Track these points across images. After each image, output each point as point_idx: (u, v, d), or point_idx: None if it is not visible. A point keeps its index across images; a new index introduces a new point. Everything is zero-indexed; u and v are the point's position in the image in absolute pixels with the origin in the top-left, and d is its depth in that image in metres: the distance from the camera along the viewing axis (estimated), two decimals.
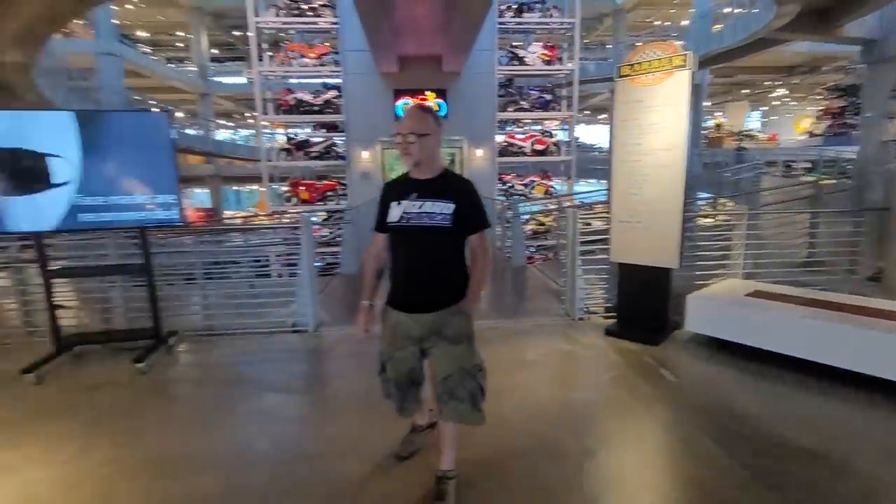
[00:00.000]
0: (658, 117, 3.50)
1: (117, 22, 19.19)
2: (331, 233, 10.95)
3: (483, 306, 1.96)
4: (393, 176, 2.11)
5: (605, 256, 4.19)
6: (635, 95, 3.61)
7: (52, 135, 3.21)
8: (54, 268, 3.62)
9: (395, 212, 1.84)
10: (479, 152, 11.98)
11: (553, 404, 2.89)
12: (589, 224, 6.23)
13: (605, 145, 26.09)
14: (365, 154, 11.75)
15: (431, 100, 11.19)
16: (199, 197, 27.50)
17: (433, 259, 1.86)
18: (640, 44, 4.13)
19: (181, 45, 27.25)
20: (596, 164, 19.12)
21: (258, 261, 7.25)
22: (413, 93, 11.14)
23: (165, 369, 3.54)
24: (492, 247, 2.04)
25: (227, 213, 24.79)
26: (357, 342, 3.58)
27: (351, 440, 2.50)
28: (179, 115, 27.89)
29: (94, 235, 4.25)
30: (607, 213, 4.13)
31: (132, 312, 4.35)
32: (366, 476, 2.17)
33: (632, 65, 3.60)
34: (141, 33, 25.43)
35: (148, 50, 25.47)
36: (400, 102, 11.24)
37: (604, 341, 3.83)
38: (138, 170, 3.38)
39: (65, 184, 3.26)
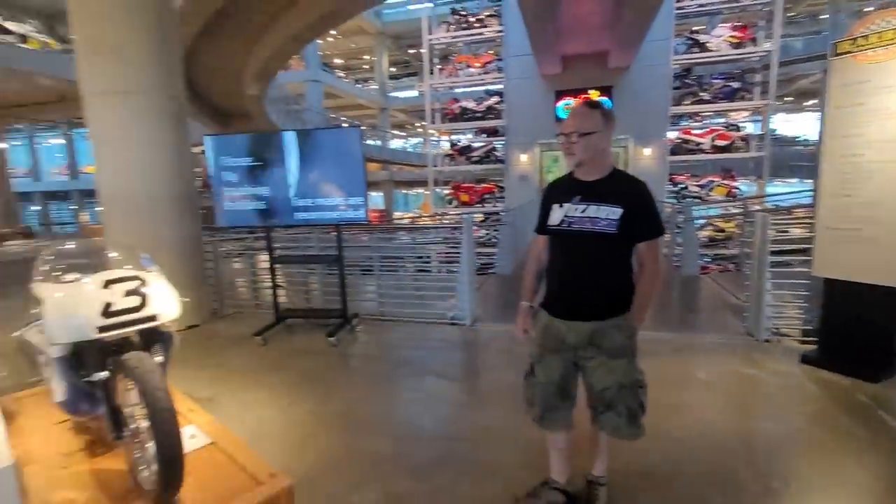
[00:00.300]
0: (893, 101, 2.82)
1: (320, 53, 22.96)
2: (487, 234, 11.36)
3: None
4: (550, 178, 2.02)
5: (806, 270, 3.52)
6: (860, 75, 2.96)
7: (282, 150, 4.08)
8: (277, 255, 4.57)
9: (556, 215, 1.76)
10: (647, 151, 11.08)
11: (727, 431, 2.58)
12: (785, 231, 5.29)
13: (813, 137, 21.52)
14: (523, 157, 11.90)
15: (595, 98, 10.76)
16: (375, 199, 31.18)
17: (595, 267, 1.73)
18: (870, 9, 3.36)
19: (367, 67, 31.26)
20: (800, 160, 15.94)
21: (421, 257, 7.96)
22: (576, 92, 10.88)
23: (349, 345, 4.18)
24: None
25: (397, 214, 27.61)
26: (510, 340, 3.71)
27: (503, 430, 2.62)
28: (363, 128, 32.03)
29: (303, 230, 5.24)
30: (811, 218, 3.46)
31: (325, 295, 5.25)
32: (517, 465, 2.26)
33: (855, 38, 2.96)
34: (337, 60, 29.92)
35: (342, 74, 29.87)
36: (561, 103, 11.09)
37: (798, 369, 3.24)
38: (336, 177, 4.04)
39: (288, 189, 4.10)
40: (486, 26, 11.76)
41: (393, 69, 30.80)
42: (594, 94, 10.78)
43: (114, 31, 4.09)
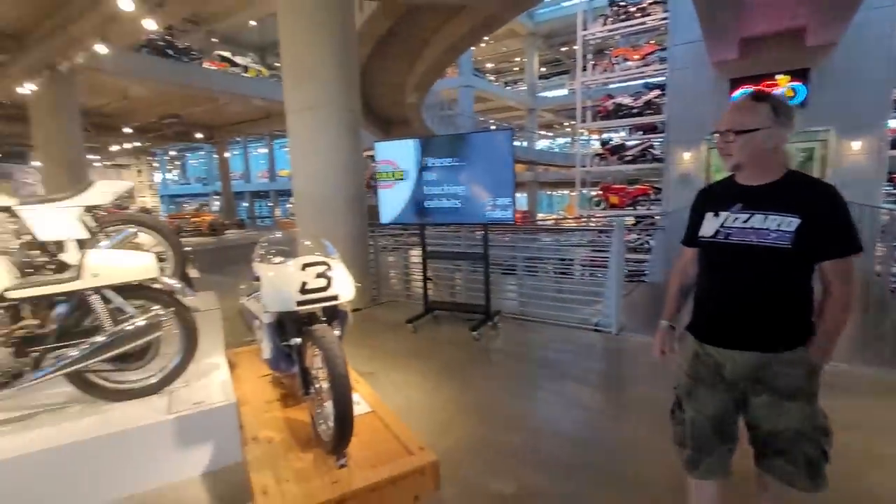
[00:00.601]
0: None
1: (472, 59, 23.89)
2: (638, 238, 10.55)
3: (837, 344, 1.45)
4: (719, 178, 1.69)
5: None
6: None
7: (440, 153, 4.42)
8: (429, 251, 4.95)
9: (711, 224, 1.52)
10: (857, 145, 9.02)
11: None
12: None
13: None
14: (686, 155, 10.72)
15: (784, 85, 9.17)
16: (519, 200, 31.29)
17: (759, 287, 1.45)
18: None
19: (516, 69, 31.52)
20: None
21: (564, 260, 7.78)
22: (757, 80, 9.40)
23: (491, 340, 4.33)
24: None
25: (540, 216, 27.29)
26: None
27: (648, 445, 2.46)
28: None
29: (452, 228, 5.59)
30: None
31: (469, 291, 5.50)
32: (662, 485, 2.12)
33: None
34: (488, 65, 30.79)
35: (492, 78, 30.64)
36: (738, 93, 9.71)
37: None
38: (486, 178, 4.21)
39: (414, 189, 4.43)
40: (648, 14, 10.89)
41: (543, 69, 30.49)
42: (783, 80, 9.17)
43: (310, 56, 4.90)
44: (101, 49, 8.13)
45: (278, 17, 5.00)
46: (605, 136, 12.97)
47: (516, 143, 25.99)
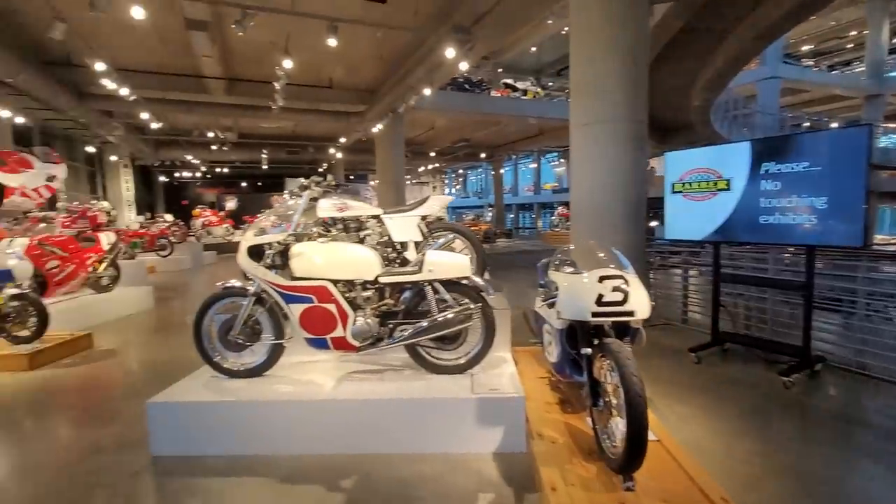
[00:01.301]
0: None
1: (784, 43, 19.50)
2: None
3: None
4: None
5: None
6: None
7: (732, 161, 3.81)
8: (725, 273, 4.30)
9: None
10: None
11: None
12: None
13: None
14: None
15: None
16: None
17: None
18: None
19: (849, 46, 24.12)
20: None
21: None
22: None
23: (810, 392, 3.42)
24: None
25: (879, 238, 20.03)
26: None
27: None
28: (833, 125, 25.03)
29: (754, 249, 4.69)
30: None
31: (774, 326, 4.49)
32: None
33: None
34: (804, 47, 24.60)
35: (810, 63, 24.37)
36: None
37: None
38: (826, 189, 3.32)
39: (737, 202, 3.77)
40: None
41: (895, 40, 22.40)
42: None
43: (595, 71, 4.95)
44: (426, 91, 10.31)
45: (570, 37, 5.24)
46: None
47: None
